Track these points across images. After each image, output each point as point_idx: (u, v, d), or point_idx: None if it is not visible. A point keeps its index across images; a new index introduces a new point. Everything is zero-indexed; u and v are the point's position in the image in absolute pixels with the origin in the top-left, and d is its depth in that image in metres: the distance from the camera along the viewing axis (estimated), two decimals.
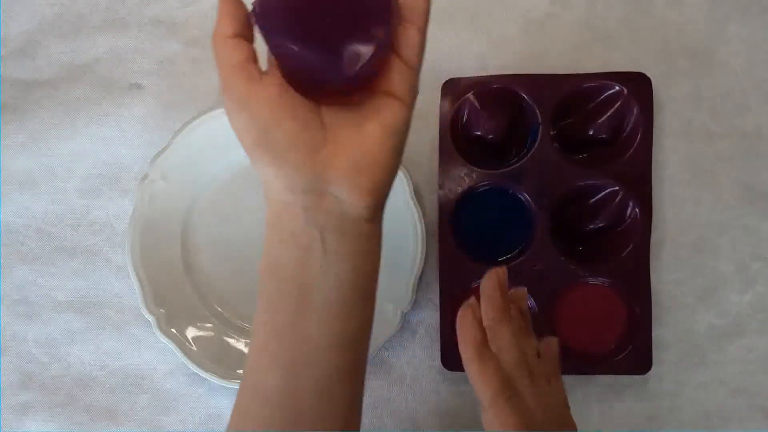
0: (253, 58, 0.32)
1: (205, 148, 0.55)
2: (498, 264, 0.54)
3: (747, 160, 0.56)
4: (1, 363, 0.58)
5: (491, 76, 0.55)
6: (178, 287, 0.56)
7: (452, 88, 0.55)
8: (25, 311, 0.59)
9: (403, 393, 0.56)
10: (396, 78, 0.32)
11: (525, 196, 0.54)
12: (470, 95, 0.55)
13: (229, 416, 0.56)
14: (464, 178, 0.54)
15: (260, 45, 0.32)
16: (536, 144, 0.53)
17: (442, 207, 0.54)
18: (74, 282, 0.59)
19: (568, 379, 0.55)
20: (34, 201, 0.60)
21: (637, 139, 0.54)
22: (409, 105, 0.33)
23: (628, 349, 0.53)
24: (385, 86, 0.32)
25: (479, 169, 0.54)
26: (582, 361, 0.53)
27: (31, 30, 0.61)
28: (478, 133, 0.56)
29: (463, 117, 0.56)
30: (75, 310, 0.59)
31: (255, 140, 0.31)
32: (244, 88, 0.31)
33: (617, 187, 0.53)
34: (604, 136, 0.55)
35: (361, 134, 0.32)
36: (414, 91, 0.33)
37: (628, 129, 0.55)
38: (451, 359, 0.54)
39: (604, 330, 0.54)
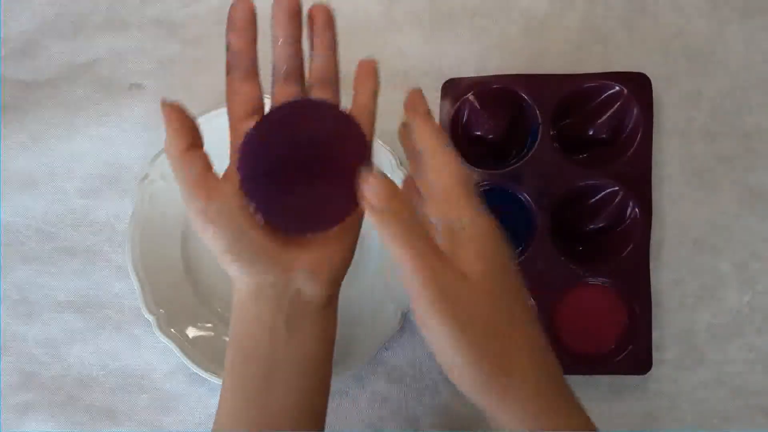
0: (209, 167, 0.34)
1: (205, 148, 0.55)
2: None
3: (747, 160, 0.56)
4: (1, 363, 0.58)
5: (491, 77, 0.55)
6: (178, 287, 0.56)
7: (452, 88, 0.55)
8: (25, 311, 0.59)
9: (403, 393, 0.56)
10: None
11: (525, 197, 0.54)
12: (470, 95, 0.55)
13: None
14: None
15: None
16: (536, 144, 0.53)
17: None
18: (74, 282, 0.59)
19: (568, 380, 0.56)
20: (35, 201, 0.60)
21: (637, 140, 0.54)
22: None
23: (628, 350, 0.53)
24: None
25: (479, 169, 0.54)
26: (582, 361, 0.53)
27: (31, 30, 0.61)
28: (478, 133, 0.56)
29: (463, 117, 0.56)
30: (75, 310, 0.59)
31: (224, 249, 0.34)
32: (205, 203, 0.33)
33: (617, 188, 0.53)
34: (604, 136, 0.55)
35: (322, 238, 0.36)
36: None
37: (628, 129, 0.55)
38: None
39: (603, 330, 0.54)
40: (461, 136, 0.56)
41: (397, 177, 0.55)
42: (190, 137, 0.34)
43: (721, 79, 0.57)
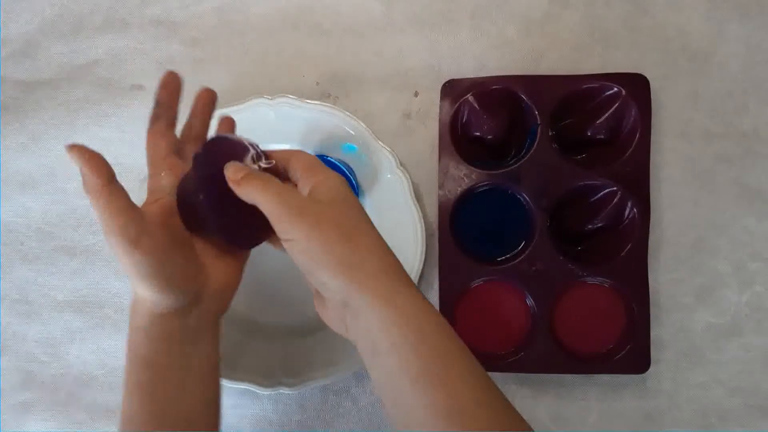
0: (128, 200, 0.37)
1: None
2: (498, 264, 0.55)
3: (745, 161, 0.57)
4: (2, 362, 0.58)
5: (491, 77, 0.55)
6: None
7: (452, 89, 0.55)
8: (26, 311, 0.59)
9: None
10: None
11: (524, 197, 0.54)
12: (469, 96, 0.55)
13: (227, 416, 0.56)
14: (464, 178, 0.54)
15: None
16: (535, 144, 0.54)
17: (441, 207, 0.54)
18: (74, 282, 0.59)
19: (567, 379, 0.56)
20: (35, 201, 0.60)
21: (635, 140, 0.54)
22: None
23: (627, 349, 0.53)
24: None
25: (479, 170, 0.54)
26: (581, 360, 0.53)
27: (31, 31, 0.61)
28: (478, 133, 0.56)
29: (462, 118, 0.56)
30: (75, 310, 0.59)
31: (147, 274, 0.37)
32: (134, 233, 0.37)
33: (615, 188, 0.54)
34: (602, 136, 0.55)
35: (224, 263, 0.42)
36: None
37: (626, 130, 0.55)
38: None
39: (602, 330, 0.54)
40: (461, 136, 0.56)
41: (396, 176, 0.55)
42: (107, 172, 0.36)
43: (720, 80, 0.57)
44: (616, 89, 0.54)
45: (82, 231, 0.59)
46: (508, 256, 0.55)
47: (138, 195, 0.55)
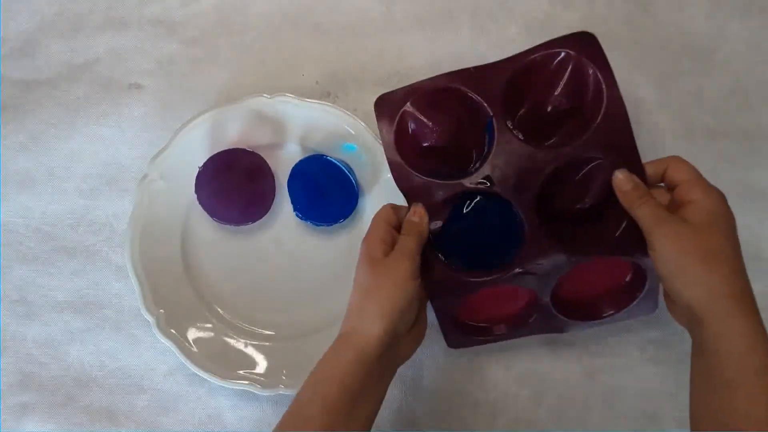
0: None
1: (205, 148, 0.55)
2: (499, 272, 0.50)
3: (748, 160, 0.56)
4: (1, 363, 0.58)
5: (425, 80, 0.50)
6: (178, 287, 0.56)
7: (386, 104, 0.50)
8: (25, 311, 0.59)
9: (403, 393, 0.56)
10: None
11: (502, 198, 0.49)
12: (408, 106, 0.50)
13: (228, 416, 0.56)
14: (432, 196, 0.49)
15: None
16: (495, 140, 0.48)
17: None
18: (74, 282, 0.59)
19: (569, 377, 0.56)
20: (34, 201, 0.60)
21: (604, 100, 0.47)
22: None
23: (636, 291, 0.51)
24: None
25: (443, 182, 0.49)
26: (594, 305, 0.52)
27: (30, 29, 0.61)
28: (427, 143, 0.51)
29: (408, 131, 0.51)
30: (74, 311, 0.58)
31: (402, 310, 0.44)
32: (413, 289, 0.45)
33: (600, 157, 0.48)
34: (566, 107, 0.50)
35: (421, 316, 0.49)
36: None
37: (590, 93, 0.49)
38: (454, 338, 0.53)
39: (609, 283, 0.52)
40: (410, 151, 0.50)
41: None
42: (393, 229, 0.48)
43: (721, 79, 0.57)
44: (563, 54, 0.49)
45: (81, 231, 0.59)
46: (505, 260, 0.50)
47: (137, 195, 0.55)
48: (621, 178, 0.46)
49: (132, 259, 0.54)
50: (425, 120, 0.51)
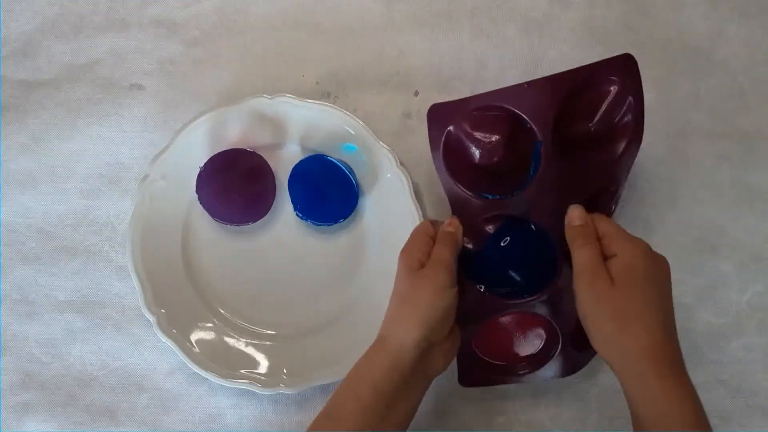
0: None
1: (206, 148, 0.56)
2: (523, 299, 0.49)
3: (747, 160, 0.57)
4: (2, 363, 0.58)
5: (480, 95, 0.49)
6: (179, 287, 0.56)
7: (439, 115, 0.50)
8: (26, 311, 0.59)
9: None
10: None
11: (539, 226, 0.49)
12: (459, 120, 0.50)
13: (229, 415, 0.56)
14: (472, 212, 0.50)
15: None
16: (541, 166, 0.48)
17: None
18: (75, 282, 0.59)
19: (567, 379, 0.56)
20: (35, 201, 0.60)
21: (630, 132, 0.48)
22: None
23: None
24: None
25: (484, 199, 0.50)
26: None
27: (31, 30, 0.61)
28: (472, 159, 0.51)
29: (455, 144, 0.51)
30: (75, 310, 0.59)
31: (440, 318, 0.45)
32: (451, 297, 0.45)
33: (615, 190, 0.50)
34: (600, 131, 0.50)
35: (456, 329, 0.49)
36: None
37: (619, 119, 0.49)
38: (468, 376, 0.53)
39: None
40: (455, 163, 0.50)
41: (396, 176, 0.55)
42: (429, 243, 0.48)
43: (720, 79, 0.57)
44: (611, 79, 0.49)
45: (82, 231, 0.59)
46: (532, 294, 0.49)
47: (138, 195, 0.56)
48: (575, 215, 0.46)
49: (133, 258, 0.55)
50: (474, 135, 0.51)
